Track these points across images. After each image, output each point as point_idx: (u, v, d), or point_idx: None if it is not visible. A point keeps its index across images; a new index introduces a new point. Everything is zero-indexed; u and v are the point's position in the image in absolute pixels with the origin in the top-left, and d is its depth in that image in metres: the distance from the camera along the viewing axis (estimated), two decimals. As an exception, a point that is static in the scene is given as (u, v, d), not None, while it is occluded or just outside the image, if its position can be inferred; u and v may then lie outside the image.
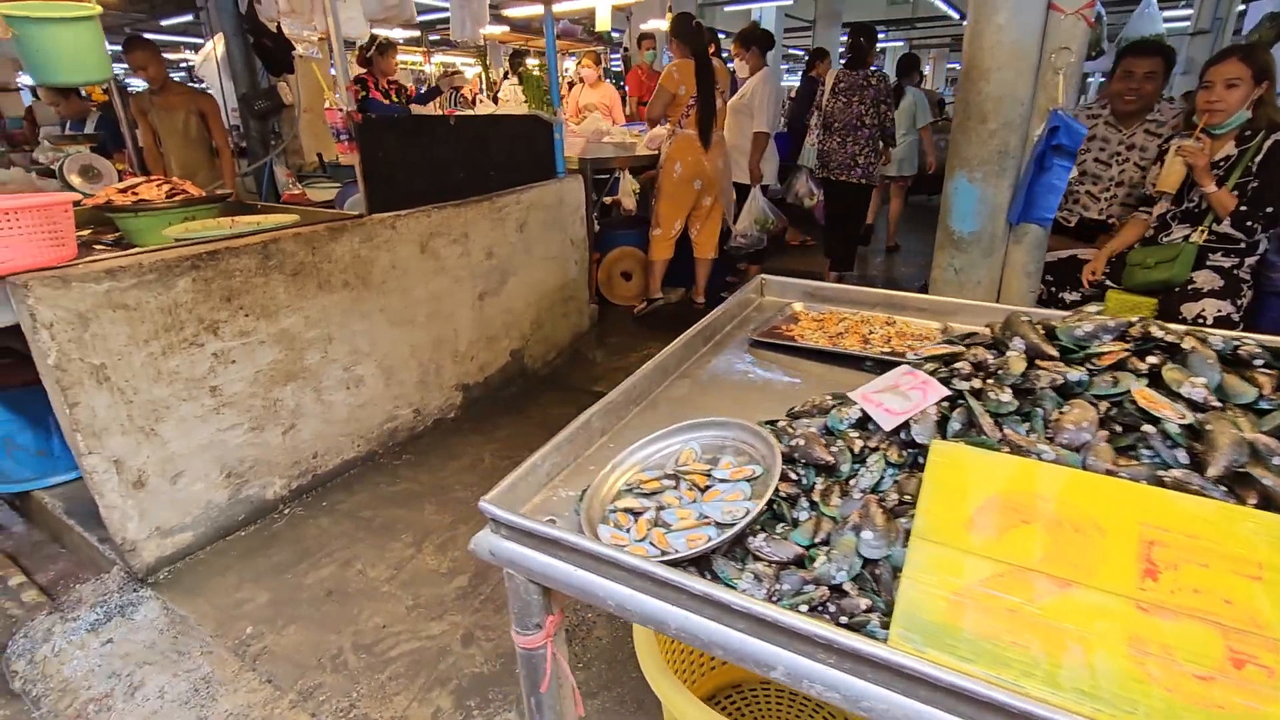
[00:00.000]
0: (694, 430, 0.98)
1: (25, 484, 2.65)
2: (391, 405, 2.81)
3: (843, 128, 4.16)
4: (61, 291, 1.80)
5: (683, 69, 3.61)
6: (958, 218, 2.31)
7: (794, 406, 1.04)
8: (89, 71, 2.26)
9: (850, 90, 4.15)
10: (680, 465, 0.91)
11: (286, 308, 2.34)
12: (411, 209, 2.74)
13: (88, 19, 2.23)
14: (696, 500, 0.84)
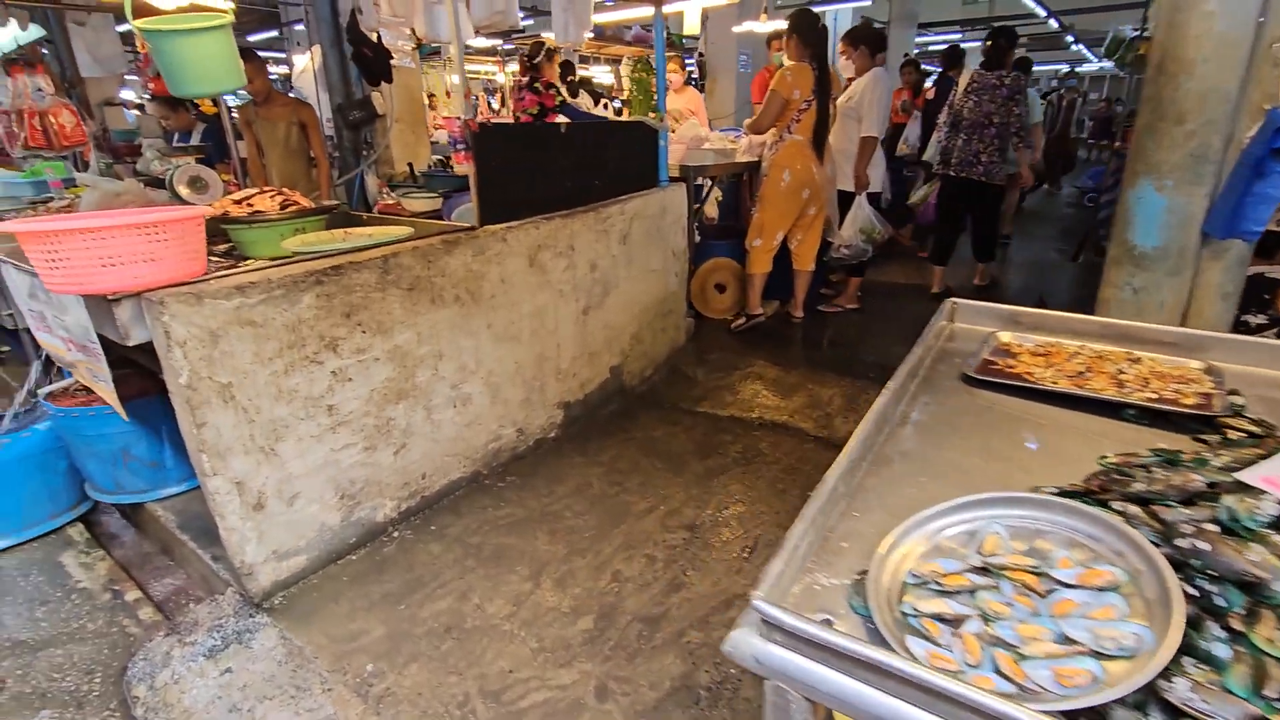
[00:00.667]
0: (987, 507, 0.79)
1: (139, 495, 2.65)
2: (496, 424, 2.70)
3: (969, 125, 4.08)
4: (195, 309, 1.74)
5: (799, 72, 3.42)
6: (1140, 231, 2.04)
7: (1100, 474, 0.83)
8: (223, 80, 2.23)
9: (982, 90, 3.97)
10: (989, 555, 0.72)
11: (401, 324, 2.25)
12: (521, 220, 2.63)
13: (219, 28, 2.20)
14: (1040, 612, 0.65)
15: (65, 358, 2.37)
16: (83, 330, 1.98)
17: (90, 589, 2.38)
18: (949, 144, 4.29)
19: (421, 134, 4.94)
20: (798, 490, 2.54)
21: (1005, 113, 4.04)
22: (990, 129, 4.09)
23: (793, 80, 3.43)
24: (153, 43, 2.15)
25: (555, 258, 2.76)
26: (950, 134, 4.28)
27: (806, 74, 3.42)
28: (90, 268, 1.62)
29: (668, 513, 2.43)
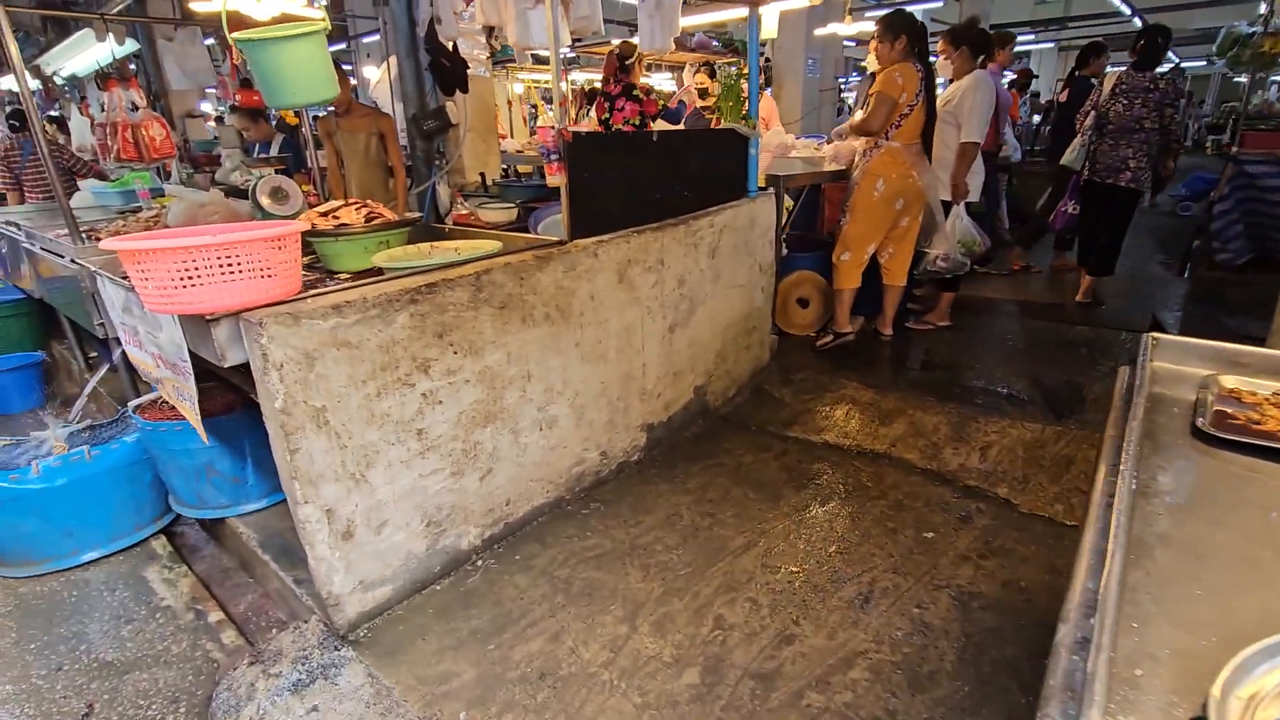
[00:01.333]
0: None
1: (221, 510, 2.62)
2: (580, 447, 2.57)
3: (1117, 130, 3.86)
4: (292, 330, 1.65)
5: (907, 73, 3.21)
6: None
7: None
8: (318, 89, 2.17)
9: (1133, 92, 3.73)
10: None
11: (492, 344, 2.14)
12: (612, 234, 2.50)
13: (314, 34, 2.14)
14: None
15: (153, 374, 2.35)
16: (175, 348, 1.93)
17: (174, 607, 2.34)
18: (1094, 148, 4.11)
19: (492, 143, 4.87)
20: (910, 529, 2.32)
21: (1159, 117, 3.84)
22: (1140, 134, 3.89)
23: (903, 82, 3.21)
24: (250, 54, 2.11)
25: (644, 273, 2.62)
26: (1096, 138, 4.09)
27: (913, 75, 3.21)
28: (191, 286, 1.55)
29: (767, 550, 2.25)
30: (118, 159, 3.13)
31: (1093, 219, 4.32)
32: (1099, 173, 4.10)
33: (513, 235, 2.63)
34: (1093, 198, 4.24)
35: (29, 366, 4.08)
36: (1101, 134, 4.07)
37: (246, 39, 2.08)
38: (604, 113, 4.40)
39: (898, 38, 3.26)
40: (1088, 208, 4.32)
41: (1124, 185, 4.03)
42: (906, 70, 3.21)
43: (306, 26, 2.16)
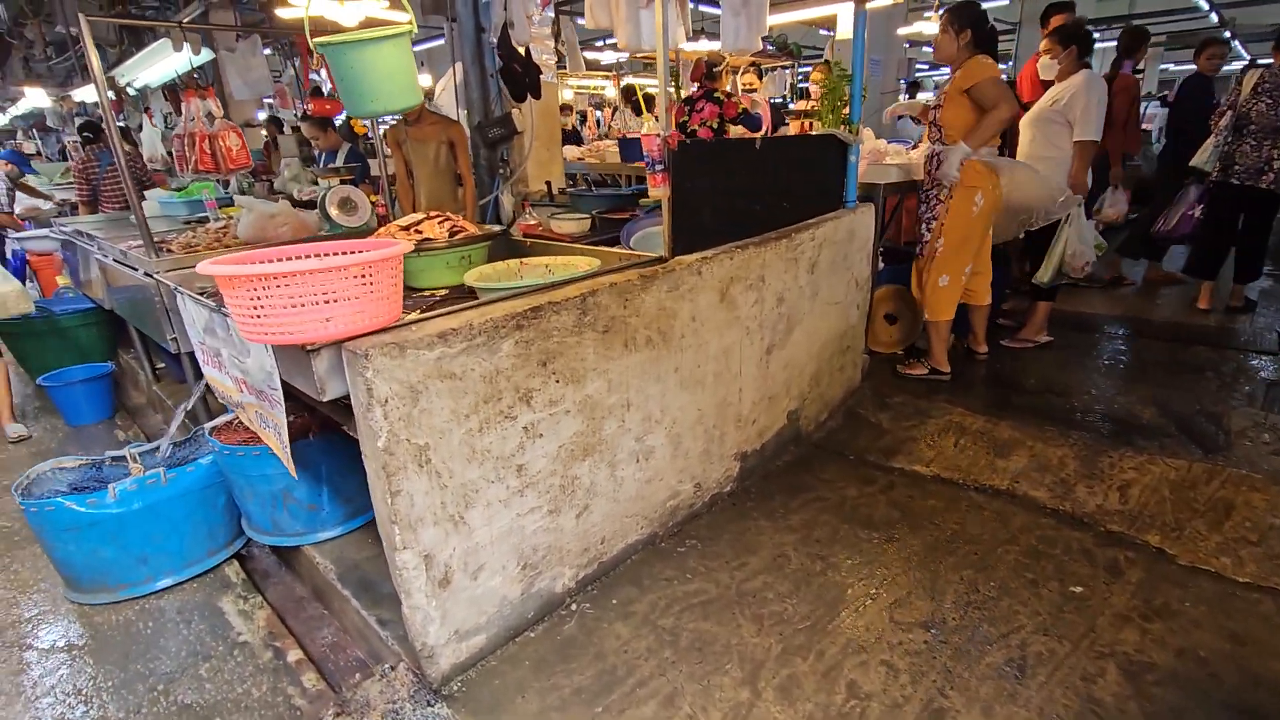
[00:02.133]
0: None
1: (296, 538, 2.50)
2: (675, 479, 2.38)
3: (1260, 130, 3.54)
4: (397, 362, 1.50)
5: (996, 72, 2.94)
6: None
7: None
8: (403, 95, 2.04)
9: (1277, 89, 3.36)
10: None
11: (593, 371, 1.96)
12: (714, 250, 2.31)
13: (401, 36, 2.01)
14: None
15: (233, 398, 2.24)
16: (264, 376, 1.80)
17: (251, 644, 2.21)
18: (1230, 149, 3.82)
19: (556, 151, 4.75)
20: (1053, 582, 2.07)
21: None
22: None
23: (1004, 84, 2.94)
24: (332, 59, 1.98)
25: (745, 291, 2.42)
26: (1234, 138, 3.80)
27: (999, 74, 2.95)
28: (295, 316, 1.41)
29: (894, 603, 2.02)
30: (195, 170, 3.07)
31: (1221, 224, 4.00)
32: (1237, 175, 3.80)
33: (603, 250, 2.46)
34: (1226, 201, 3.92)
35: (100, 378, 4.07)
36: (1241, 135, 3.77)
37: (329, 43, 1.95)
38: (682, 115, 4.20)
39: (961, 30, 2.98)
40: (1217, 212, 4.00)
41: (1265, 188, 3.72)
42: (995, 69, 2.93)
43: (391, 29, 2.03)
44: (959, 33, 2.99)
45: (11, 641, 2.26)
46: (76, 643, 2.24)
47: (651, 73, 10.21)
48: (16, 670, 2.13)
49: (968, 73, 2.98)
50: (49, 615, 2.38)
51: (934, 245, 3.20)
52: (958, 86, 3.03)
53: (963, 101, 3.01)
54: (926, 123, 3.30)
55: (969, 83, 2.98)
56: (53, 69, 7.19)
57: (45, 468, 2.55)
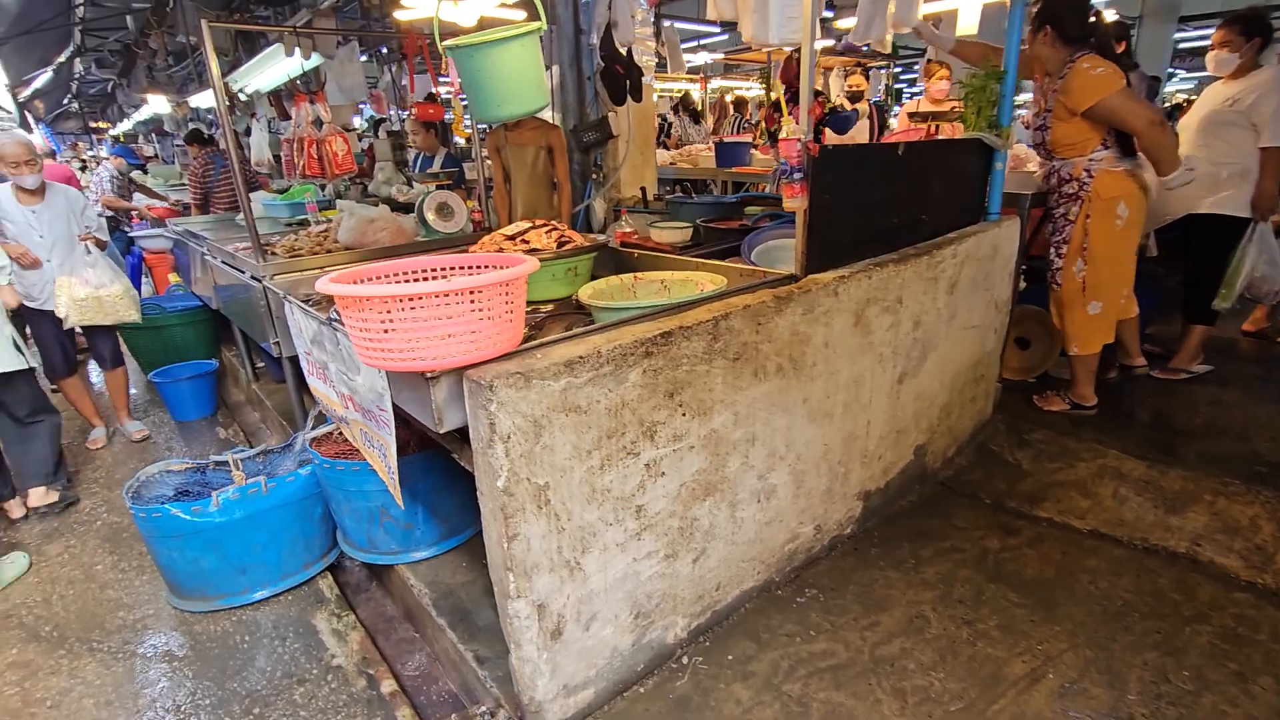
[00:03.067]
0: None
1: (391, 556, 2.41)
2: (796, 521, 2.15)
3: None
4: (522, 393, 1.34)
5: (1115, 79, 2.54)
6: None
7: None
8: (531, 98, 1.91)
9: None
10: None
11: (721, 403, 1.76)
12: (851, 269, 2.07)
13: (529, 34, 1.87)
14: None
15: (337, 412, 2.16)
16: (374, 397, 1.69)
17: (345, 669, 2.13)
18: None
19: (650, 156, 4.58)
20: (1267, 677, 1.72)
21: None
22: None
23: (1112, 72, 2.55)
24: (462, 62, 1.86)
25: (881, 314, 2.16)
26: None
27: None
28: (418, 341, 1.27)
29: (1064, 688, 1.72)
30: (302, 175, 3.07)
31: None
32: None
33: (718, 265, 2.26)
34: None
35: (205, 375, 4.18)
36: None
37: (458, 45, 1.83)
38: (774, 125, 3.94)
39: (1042, 27, 2.59)
40: None
41: None
42: (1105, 64, 2.53)
43: (520, 28, 1.89)
44: (1039, 30, 2.62)
45: (118, 646, 2.26)
46: (177, 653, 2.21)
47: (740, 74, 9.94)
48: (122, 679, 2.11)
49: (1082, 87, 2.57)
50: (153, 620, 2.38)
51: (1071, 270, 2.82)
52: (1067, 106, 2.63)
53: (1078, 121, 2.63)
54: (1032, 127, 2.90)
55: (1085, 102, 2.57)
56: (172, 77, 7.62)
57: (154, 470, 2.57)
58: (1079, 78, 2.57)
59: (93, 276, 3.37)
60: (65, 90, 12.61)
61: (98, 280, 3.39)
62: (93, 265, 3.40)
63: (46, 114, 14.58)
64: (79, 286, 3.35)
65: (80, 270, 3.35)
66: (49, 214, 3.33)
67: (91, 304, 3.40)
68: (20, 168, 3.16)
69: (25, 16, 6.03)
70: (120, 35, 7.59)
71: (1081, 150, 2.67)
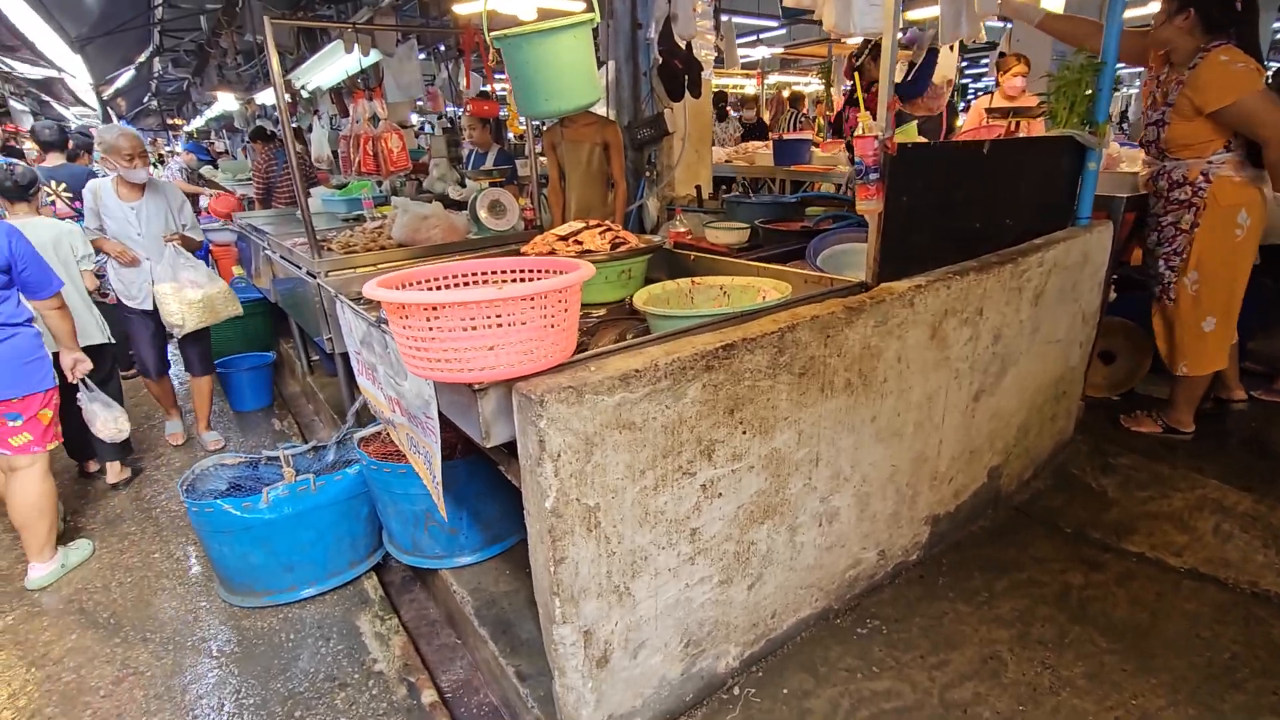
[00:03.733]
0: None
1: (435, 561, 2.37)
2: (859, 546, 2.00)
3: None
4: (574, 409, 1.25)
5: (1254, 77, 2.27)
6: None
7: None
8: (582, 92, 1.82)
9: None
10: None
11: (784, 420, 1.64)
12: (929, 277, 1.91)
13: (580, 25, 1.78)
14: None
15: (384, 414, 2.12)
16: (420, 404, 1.63)
17: (386, 675, 2.09)
18: None
19: (705, 153, 4.45)
20: None
21: None
22: None
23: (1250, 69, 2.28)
24: (509, 55, 1.79)
25: (960, 327, 2.00)
26: None
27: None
28: (466, 350, 1.19)
29: (1164, 752, 1.54)
30: (358, 172, 3.07)
31: None
32: None
33: (779, 269, 2.13)
34: None
35: (263, 367, 4.26)
36: None
37: (506, 36, 1.75)
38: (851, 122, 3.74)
39: (1183, 10, 2.31)
40: None
41: None
42: (1244, 59, 2.25)
43: (570, 18, 1.80)
44: (1177, 14, 2.34)
45: (169, 637, 2.28)
46: (224, 649, 2.22)
47: (797, 69, 9.68)
48: (171, 671, 2.13)
49: (1215, 82, 2.31)
50: (204, 613, 2.40)
51: (1184, 284, 2.57)
52: (1194, 103, 2.37)
53: (1201, 121, 2.36)
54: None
55: (1218, 100, 2.30)
56: (241, 75, 7.87)
57: (209, 463, 2.60)
58: (1213, 71, 2.31)
59: (197, 278, 3.33)
60: (145, 89, 13.22)
61: (202, 281, 3.35)
62: (193, 267, 3.36)
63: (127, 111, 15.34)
64: (190, 290, 3.30)
65: (182, 273, 3.28)
66: (147, 211, 3.26)
67: (203, 306, 3.37)
68: (135, 160, 3.09)
69: (108, 17, 6.30)
70: (194, 35, 7.88)
71: (1200, 152, 2.42)
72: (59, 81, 9.07)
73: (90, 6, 5.75)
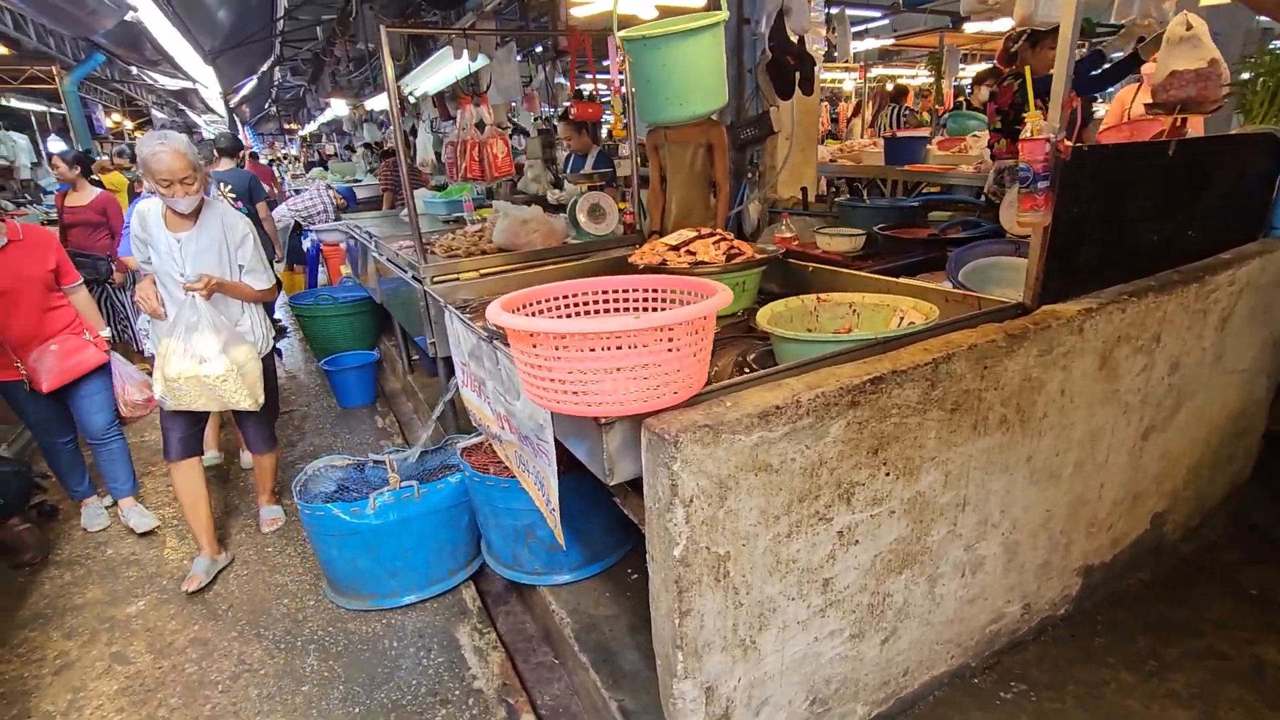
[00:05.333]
0: None
1: (534, 577, 2.32)
2: (1003, 599, 1.78)
3: None
4: (710, 449, 1.13)
5: None
6: None
7: None
8: (712, 96, 1.69)
9: None
10: None
11: (930, 461, 1.45)
12: (1095, 297, 1.66)
13: (712, 28, 1.65)
14: None
15: (490, 429, 2.08)
16: (534, 426, 1.55)
17: (485, 693, 2.05)
18: None
19: (811, 154, 4.22)
20: None
21: None
22: None
23: None
24: (641, 57, 1.68)
25: (1133, 355, 1.73)
26: None
27: None
28: (595, 383, 1.10)
29: None
30: (464, 178, 3.08)
31: None
32: None
33: (924, 287, 1.92)
34: None
35: (367, 366, 4.40)
36: None
37: (639, 36, 1.65)
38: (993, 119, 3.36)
39: None
40: None
41: None
42: None
43: (704, 18, 1.68)
44: None
45: (281, 635, 2.34)
46: (331, 650, 2.25)
47: (902, 61, 9.16)
48: (282, 671, 2.17)
49: None
50: (313, 613, 2.45)
51: None
52: None
53: None
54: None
55: None
56: (351, 81, 8.26)
57: (320, 465, 2.66)
58: None
59: (195, 345, 2.37)
60: (266, 96, 14.20)
61: (199, 351, 2.37)
62: (196, 329, 2.37)
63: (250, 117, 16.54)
64: (175, 359, 2.37)
65: (196, 337, 2.37)
66: (197, 245, 2.42)
67: (188, 384, 2.39)
68: (173, 187, 2.28)
69: (237, 30, 6.74)
70: (311, 45, 8.33)
71: None
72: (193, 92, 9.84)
73: (221, 21, 6.15)
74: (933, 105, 7.05)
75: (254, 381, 2.56)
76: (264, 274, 2.63)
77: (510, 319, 1.10)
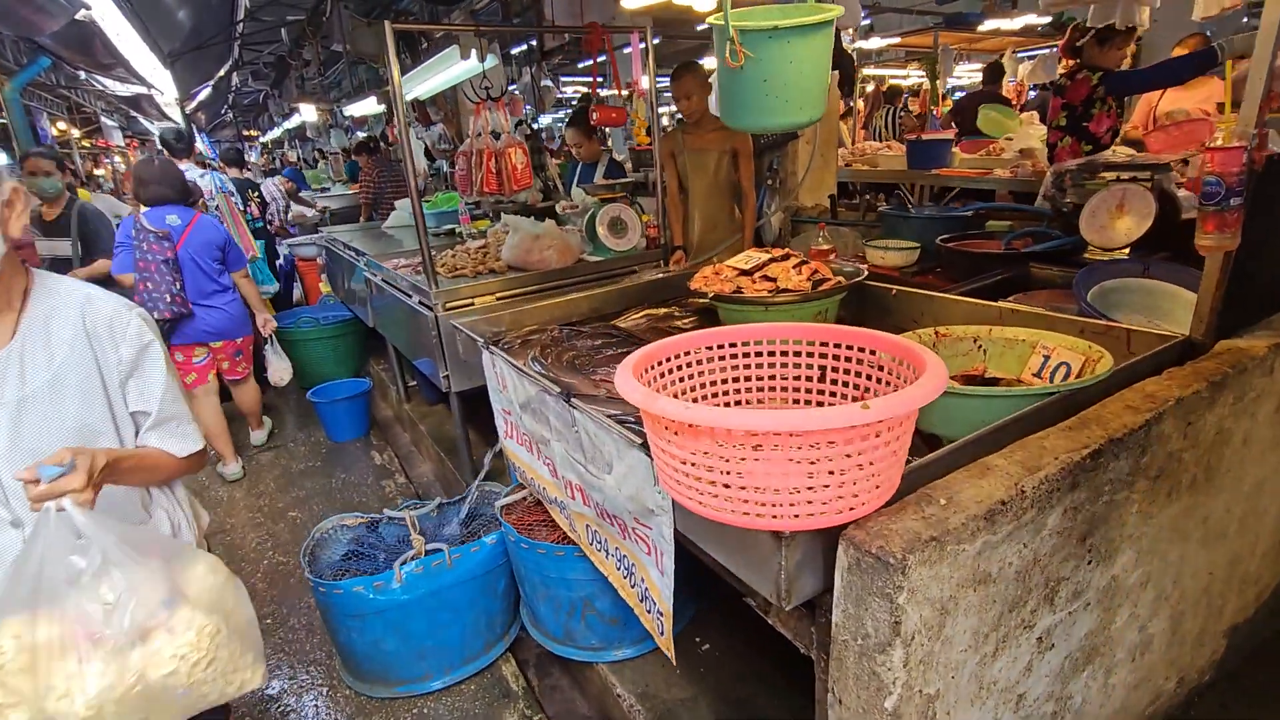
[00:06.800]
0: None
1: (590, 653, 2.02)
2: (1162, 676, 1.55)
3: None
4: (934, 569, 0.85)
5: None
6: None
7: None
8: (816, 104, 1.41)
9: None
10: None
11: (1127, 539, 1.20)
12: (1271, 330, 1.44)
13: (826, 25, 1.37)
14: None
15: (548, 494, 1.77)
16: (635, 508, 1.25)
17: (548, 804, 1.74)
18: None
19: (831, 158, 3.98)
20: None
21: None
22: None
23: None
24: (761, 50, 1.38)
25: (1306, 393, 1.51)
26: None
27: None
28: (782, 488, 0.80)
29: None
30: (480, 192, 2.75)
31: None
32: None
33: (1040, 313, 1.67)
34: None
35: (359, 396, 4.03)
36: None
37: (777, 28, 1.34)
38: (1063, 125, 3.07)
39: None
40: None
41: None
42: None
43: (818, 12, 1.39)
44: None
45: (294, 734, 1.99)
46: (359, 756, 1.92)
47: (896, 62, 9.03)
48: (300, 786, 1.83)
49: None
50: (327, 707, 2.10)
51: None
52: None
53: None
54: None
55: None
56: (321, 85, 7.79)
57: (329, 525, 2.31)
58: None
59: (82, 627, 0.91)
60: (223, 101, 13.50)
61: (106, 639, 0.93)
62: (75, 588, 0.91)
63: (207, 124, 15.76)
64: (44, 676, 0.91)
65: (50, 600, 0.91)
66: (23, 382, 1.06)
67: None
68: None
69: (196, 32, 6.25)
70: (275, 48, 7.84)
71: None
72: (147, 98, 9.23)
73: (181, 22, 5.69)
74: (929, 105, 6.90)
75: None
76: (187, 423, 1.22)
77: (675, 407, 0.79)
